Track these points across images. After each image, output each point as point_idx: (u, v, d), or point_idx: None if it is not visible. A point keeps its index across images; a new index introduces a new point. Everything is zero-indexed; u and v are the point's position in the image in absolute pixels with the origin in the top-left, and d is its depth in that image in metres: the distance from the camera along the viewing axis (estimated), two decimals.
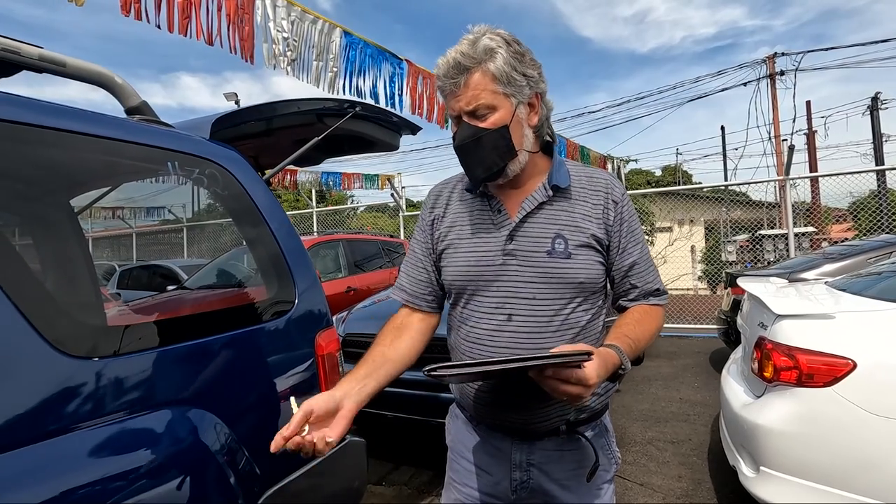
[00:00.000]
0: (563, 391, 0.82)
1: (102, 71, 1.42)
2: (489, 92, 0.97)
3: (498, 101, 0.98)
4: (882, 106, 15.00)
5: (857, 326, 2.05)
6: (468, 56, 0.96)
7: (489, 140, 0.99)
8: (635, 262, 1.06)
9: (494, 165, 1.01)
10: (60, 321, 1.06)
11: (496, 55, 0.96)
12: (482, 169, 1.02)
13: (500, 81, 0.97)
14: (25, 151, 1.11)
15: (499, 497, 1.10)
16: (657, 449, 3.29)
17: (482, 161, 1.01)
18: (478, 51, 0.96)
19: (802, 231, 9.15)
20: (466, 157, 1.02)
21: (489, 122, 0.99)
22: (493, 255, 1.04)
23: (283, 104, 1.93)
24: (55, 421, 0.96)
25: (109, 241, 12.36)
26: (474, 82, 0.97)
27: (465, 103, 0.98)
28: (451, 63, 0.97)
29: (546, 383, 0.83)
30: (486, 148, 0.99)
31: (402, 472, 3.11)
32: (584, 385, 0.81)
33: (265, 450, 1.33)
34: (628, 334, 0.99)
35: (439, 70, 0.99)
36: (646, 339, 1.03)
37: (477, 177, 1.04)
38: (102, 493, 0.96)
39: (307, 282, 1.61)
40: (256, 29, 2.97)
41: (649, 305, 1.08)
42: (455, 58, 0.96)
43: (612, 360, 0.90)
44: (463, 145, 1.01)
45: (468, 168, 1.04)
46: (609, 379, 0.92)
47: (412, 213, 10.90)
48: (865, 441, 1.82)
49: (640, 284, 1.07)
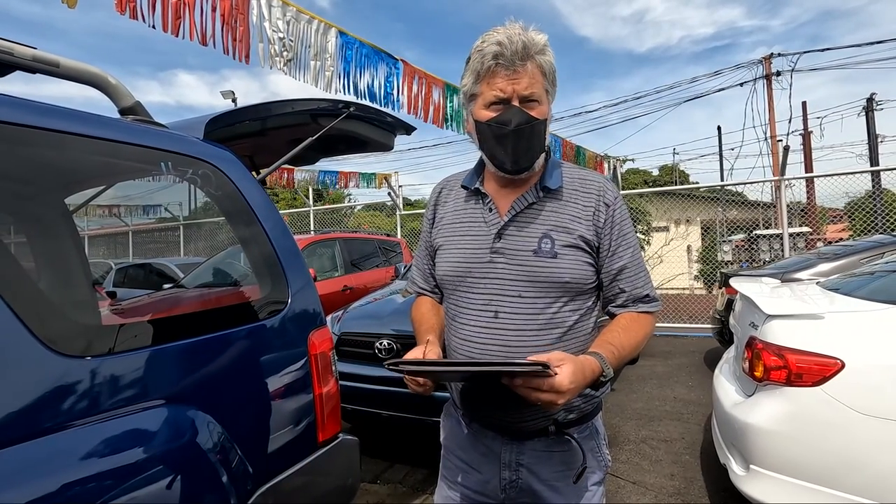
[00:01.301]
0: (536, 398, 0.83)
1: (96, 71, 1.43)
2: (540, 84, 1.00)
3: (543, 96, 1.01)
4: (877, 107, 15.05)
5: (847, 327, 2.08)
6: (532, 44, 0.97)
7: (539, 130, 1.01)
8: (625, 266, 1.05)
9: (536, 156, 1.04)
10: (53, 320, 1.07)
11: (547, 52, 1.00)
12: (527, 158, 1.03)
13: (547, 77, 1.01)
14: (19, 152, 1.12)
15: (488, 495, 1.11)
16: (650, 447, 3.32)
17: (530, 149, 1.02)
18: (537, 43, 0.98)
19: (798, 231, 9.18)
20: (516, 142, 1.00)
21: (537, 113, 1.00)
22: (482, 253, 1.06)
23: (277, 104, 1.93)
24: (46, 419, 0.96)
25: (105, 240, 12.33)
26: (532, 70, 0.98)
27: (523, 87, 0.98)
28: (518, 44, 0.95)
29: (518, 390, 0.84)
30: (536, 136, 1.01)
31: (396, 470, 3.13)
32: (556, 392, 0.83)
33: (258, 448, 1.36)
34: (612, 342, 0.99)
35: (502, 48, 0.96)
36: (632, 346, 1.02)
37: (520, 165, 1.03)
38: (95, 491, 0.97)
39: (301, 281, 1.62)
40: (252, 29, 2.97)
41: (638, 313, 1.07)
42: (524, 41, 0.96)
43: (590, 367, 0.90)
44: (519, 129, 0.99)
45: (514, 153, 1.01)
46: (591, 387, 0.92)
47: (409, 212, 10.91)
48: (853, 440, 1.84)
49: (629, 289, 1.06)
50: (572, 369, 0.85)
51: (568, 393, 0.84)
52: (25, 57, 1.27)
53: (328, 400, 1.60)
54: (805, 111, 16.67)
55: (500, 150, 1.02)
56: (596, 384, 0.92)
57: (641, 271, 1.08)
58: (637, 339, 1.04)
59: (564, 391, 0.83)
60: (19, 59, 1.26)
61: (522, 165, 1.03)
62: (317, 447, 1.55)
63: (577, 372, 0.86)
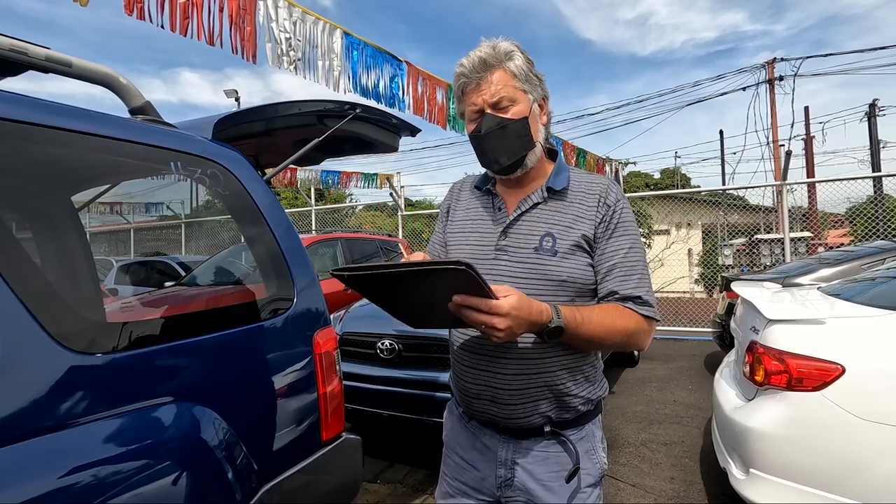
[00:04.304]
0: (475, 319, 0.84)
1: (107, 71, 1.44)
2: (510, 87, 1.06)
3: (518, 96, 1.07)
4: (880, 112, 15.05)
5: (847, 332, 2.09)
6: (491, 55, 1.05)
7: (513, 129, 1.07)
8: (615, 265, 1.05)
9: (518, 153, 1.08)
10: (63, 316, 1.08)
11: (514, 56, 1.07)
12: (507, 156, 1.08)
13: (518, 78, 1.07)
14: (32, 150, 1.14)
15: (485, 493, 1.14)
16: (650, 450, 3.32)
17: (507, 148, 1.08)
18: (499, 52, 1.06)
19: (799, 236, 9.20)
20: (491, 145, 1.08)
21: (511, 113, 1.07)
22: (488, 249, 1.11)
23: (284, 105, 1.95)
24: (57, 415, 0.98)
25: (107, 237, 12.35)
26: (497, 78, 1.06)
27: (489, 96, 1.06)
28: (475, 61, 1.06)
29: (462, 313, 0.85)
30: (510, 136, 1.07)
31: (396, 470, 3.14)
32: (495, 315, 0.83)
33: (263, 446, 1.37)
34: (581, 309, 0.99)
35: (463, 68, 1.08)
36: (602, 326, 0.99)
37: (501, 164, 1.09)
38: (102, 487, 0.98)
39: (306, 280, 1.64)
40: (259, 29, 2.99)
41: (625, 307, 1.04)
42: (480, 56, 1.06)
43: (539, 308, 0.90)
44: (489, 133, 1.07)
45: (492, 155, 1.09)
46: (536, 333, 0.93)
47: (410, 212, 10.92)
48: (853, 445, 1.85)
49: (620, 289, 1.04)
50: (517, 299, 0.86)
51: (508, 318, 0.84)
52: (39, 57, 1.28)
53: (332, 399, 1.61)
54: (807, 116, 16.68)
55: (482, 155, 1.11)
56: (541, 330, 0.92)
57: (635, 273, 1.06)
58: (612, 324, 1.01)
59: (504, 315, 0.84)
60: (33, 58, 1.27)
61: (503, 164, 1.09)
62: (320, 446, 1.57)
63: (522, 303, 0.86)
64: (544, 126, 1.14)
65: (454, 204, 1.25)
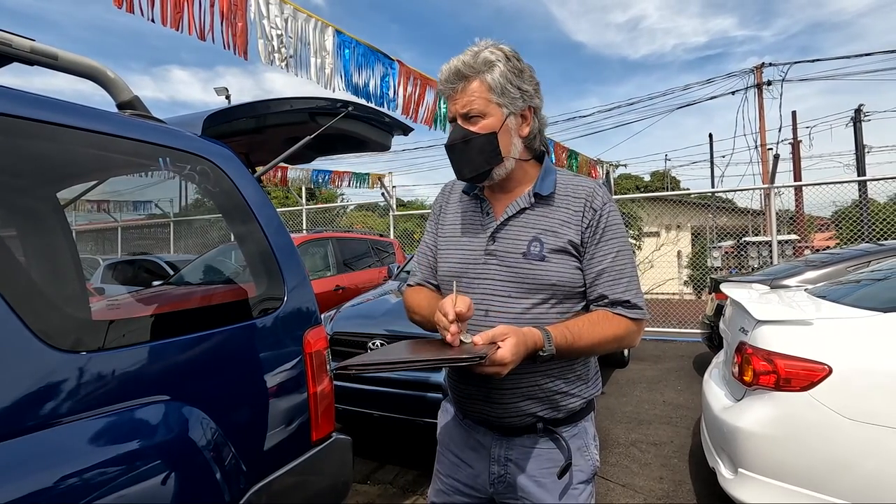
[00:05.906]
0: (481, 371, 0.89)
1: (95, 65, 1.41)
2: (483, 100, 1.05)
3: (490, 109, 1.06)
4: (865, 118, 15.32)
5: (834, 333, 2.11)
6: (468, 65, 1.04)
7: (477, 143, 1.06)
8: (604, 269, 1.06)
9: (480, 167, 1.08)
10: (47, 314, 1.06)
11: (494, 68, 1.04)
12: (468, 169, 1.09)
13: (494, 91, 1.05)
14: (15, 144, 1.11)
15: (478, 489, 1.15)
16: (640, 451, 3.34)
17: (469, 162, 1.08)
18: (478, 62, 1.04)
19: (786, 239, 9.32)
20: (454, 157, 1.10)
21: (479, 127, 1.06)
22: (477, 254, 1.11)
23: (275, 102, 1.93)
24: (41, 414, 0.96)
25: (94, 235, 12.17)
26: (471, 89, 1.05)
27: (461, 106, 1.07)
28: (451, 70, 1.06)
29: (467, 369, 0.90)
30: (472, 150, 1.07)
31: (387, 470, 3.12)
32: (499, 365, 0.88)
33: (251, 446, 1.35)
34: (570, 327, 1.01)
35: (442, 76, 1.08)
36: (592, 339, 1.01)
37: (463, 176, 1.12)
38: (87, 488, 0.96)
39: (296, 279, 1.62)
40: (250, 25, 2.97)
41: (614, 314, 1.06)
42: (456, 66, 1.05)
43: (532, 339, 0.94)
44: (452, 145, 1.09)
45: (456, 167, 1.11)
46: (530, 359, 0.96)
47: (402, 212, 10.90)
48: (839, 444, 1.87)
49: (609, 293, 1.06)
50: (514, 342, 0.90)
51: (510, 364, 0.89)
52: (23, 49, 1.25)
53: (322, 399, 1.60)
54: (795, 120, 16.92)
55: (451, 163, 1.12)
56: (535, 357, 0.96)
57: (624, 277, 1.07)
58: (602, 335, 1.03)
59: (507, 363, 0.89)
60: (17, 50, 1.24)
61: (466, 176, 1.11)
62: (310, 446, 1.55)
63: (518, 344, 0.91)
64: (524, 138, 1.11)
65: (445, 206, 1.26)
